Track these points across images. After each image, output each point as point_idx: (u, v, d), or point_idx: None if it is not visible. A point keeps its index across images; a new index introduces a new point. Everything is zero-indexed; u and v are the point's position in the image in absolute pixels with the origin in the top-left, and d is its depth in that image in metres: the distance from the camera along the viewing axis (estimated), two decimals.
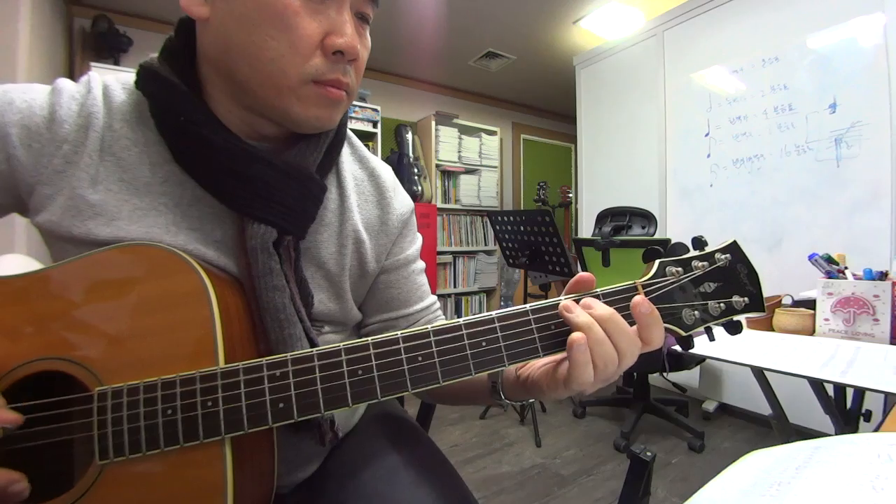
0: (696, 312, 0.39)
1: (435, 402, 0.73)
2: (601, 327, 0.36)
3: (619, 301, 0.38)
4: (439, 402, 0.66)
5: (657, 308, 0.38)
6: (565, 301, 0.37)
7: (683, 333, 0.39)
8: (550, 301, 0.38)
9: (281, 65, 0.40)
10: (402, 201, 0.58)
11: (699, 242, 0.41)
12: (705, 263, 0.40)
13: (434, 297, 0.63)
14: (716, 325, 0.40)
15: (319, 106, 0.43)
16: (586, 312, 0.36)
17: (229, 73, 0.43)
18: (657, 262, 0.40)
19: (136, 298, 0.38)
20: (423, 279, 0.62)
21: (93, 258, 0.39)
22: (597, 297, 0.39)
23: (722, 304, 0.39)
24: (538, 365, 0.40)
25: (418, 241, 0.62)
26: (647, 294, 0.39)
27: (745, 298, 0.40)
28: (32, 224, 0.43)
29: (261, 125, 0.46)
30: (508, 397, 0.44)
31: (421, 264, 0.62)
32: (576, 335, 0.35)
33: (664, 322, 0.38)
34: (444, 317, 0.63)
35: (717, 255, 0.40)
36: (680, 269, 0.39)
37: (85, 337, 0.37)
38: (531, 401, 0.45)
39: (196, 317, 0.37)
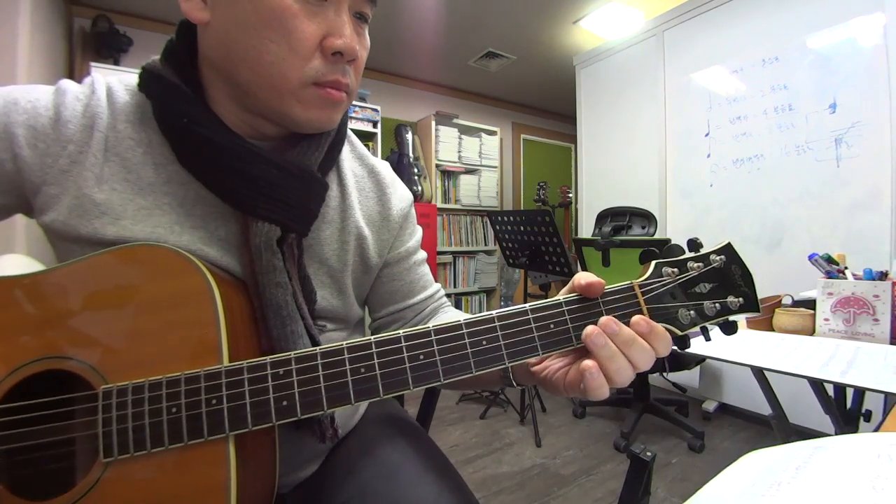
0: (691, 312, 0.39)
1: (444, 387, 0.74)
2: (623, 352, 0.36)
3: (617, 301, 0.39)
4: (449, 389, 0.67)
5: (654, 309, 0.39)
6: (591, 329, 0.36)
7: (679, 333, 0.39)
8: (550, 301, 0.39)
9: (281, 68, 0.40)
10: (401, 196, 0.60)
11: (694, 244, 0.41)
12: (700, 265, 0.40)
13: (438, 286, 0.64)
14: (711, 325, 0.40)
15: (320, 107, 0.44)
16: (611, 343, 0.35)
17: (230, 77, 0.43)
18: (653, 262, 0.41)
19: (141, 298, 0.38)
20: (426, 269, 0.63)
21: (97, 259, 0.39)
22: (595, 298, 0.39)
23: (717, 305, 0.40)
24: (555, 368, 0.40)
25: (418, 232, 0.63)
26: (643, 294, 0.39)
27: (740, 299, 0.40)
28: (38, 224, 0.44)
29: (262, 125, 0.46)
30: (519, 383, 0.45)
31: (422, 255, 0.63)
32: (588, 363, 0.35)
33: (661, 322, 0.39)
34: (449, 303, 0.64)
35: (712, 257, 0.41)
36: (675, 269, 0.40)
37: (90, 336, 0.38)
38: (530, 402, 0.46)
39: (200, 316, 0.37)
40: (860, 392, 1.16)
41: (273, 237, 0.43)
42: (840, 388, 1.15)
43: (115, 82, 0.46)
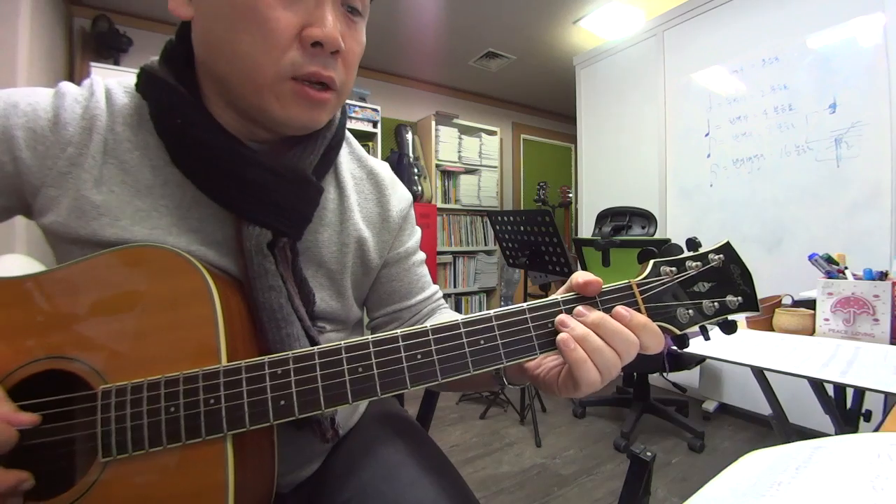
0: (690, 311, 0.39)
1: (440, 390, 0.74)
2: (596, 334, 0.36)
3: (615, 301, 0.39)
4: (443, 390, 0.67)
5: (652, 308, 0.39)
6: (561, 317, 0.37)
7: (678, 332, 0.39)
8: (547, 300, 0.39)
9: (256, 59, 0.39)
10: (400, 196, 0.59)
11: (693, 243, 0.41)
12: (699, 264, 0.40)
13: (436, 287, 0.64)
14: (710, 324, 0.40)
15: (299, 105, 0.42)
16: (581, 323, 0.36)
17: (213, 73, 0.43)
18: (651, 262, 0.41)
19: (140, 299, 0.38)
20: (424, 270, 0.63)
21: (97, 259, 0.39)
22: (592, 297, 0.39)
23: (716, 304, 0.40)
24: (549, 366, 0.40)
25: (417, 233, 0.63)
26: (641, 293, 0.39)
27: (739, 298, 0.40)
28: (38, 226, 0.43)
29: (254, 128, 0.46)
30: (511, 382, 0.45)
31: (421, 255, 0.63)
32: (562, 336, 0.36)
33: (660, 321, 0.39)
34: (447, 305, 0.64)
35: (711, 256, 0.41)
36: (674, 268, 0.40)
37: (89, 336, 0.38)
38: (530, 402, 0.45)
39: (199, 316, 0.37)
40: (860, 392, 1.16)
41: (263, 241, 0.43)
42: (840, 388, 1.15)
43: (114, 84, 0.46)
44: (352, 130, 0.58)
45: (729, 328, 0.40)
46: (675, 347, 0.41)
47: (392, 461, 0.52)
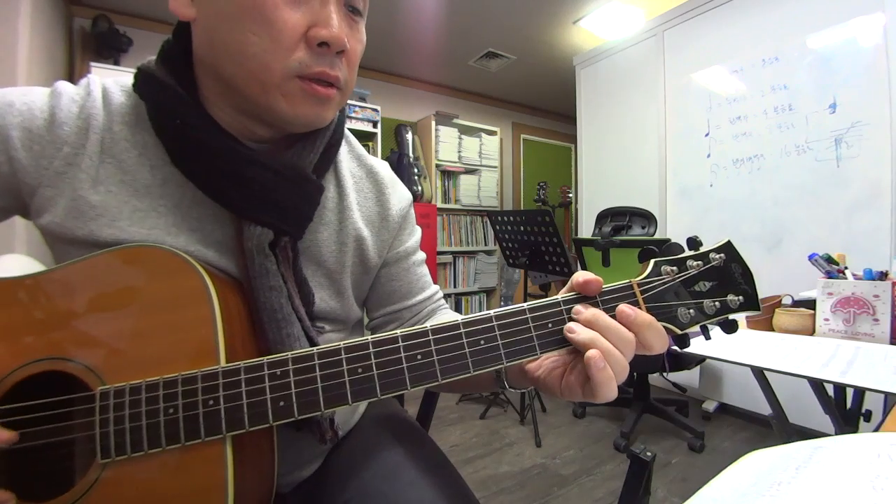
0: (691, 311, 0.39)
1: (440, 391, 0.73)
2: (605, 338, 0.35)
3: (615, 301, 0.38)
4: (444, 392, 0.66)
5: (653, 307, 0.39)
6: (570, 324, 0.37)
7: (679, 332, 0.39)
8: (548, 300, 0.38)
9: (264, 59, 0.39)
10: (400, 196, 0.59)
11: (694, 242, 0.41)
12: (700, 263, 0.40)
13: (436, 287, 0.64)
14: (711, 323, 0.40)
15: (306, 103, 0.42)
16: (589, 329, 0.36)
17: (217, 73, 0.42)
18: (652, 261, 0.40)
19: (139, 299, 0.38)
20: (424, 269, 0.63)
21: (95, 260, 0.39)
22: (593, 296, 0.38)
23: (717, 303, 0.40)
24: (550, 367, 0.40)
25: (417, 233, 0.63)
26: (642, 293, 0.39)
27: (740, 297, 0.40)
28: (36, 226, 0.43)
29: (256, 127, 0.45)
30: (512, 386, 0.45)
31: (421, 255, 0.63)
32: (592, 353, 0.35)
33: (661, 321, 0.38)
34: (447, 306, 0.64)
35: (712, 255, 0.40)
36: (675, 268, 0.40)
37: (88, 337, 0.37)
38: (530, 402, 0.45)
39: (198, 317, 0.37)
40: (860, 392, 1.16)
41: (265, 240, 0.43)
42: (840, 388, 1.15)
43: (112, 83, 0.46)
44: (352, 130, 0.58)
45: (730, 327, 0.40)
46: (675, 347, 0.41)
47: (392, 461, 0.52)
